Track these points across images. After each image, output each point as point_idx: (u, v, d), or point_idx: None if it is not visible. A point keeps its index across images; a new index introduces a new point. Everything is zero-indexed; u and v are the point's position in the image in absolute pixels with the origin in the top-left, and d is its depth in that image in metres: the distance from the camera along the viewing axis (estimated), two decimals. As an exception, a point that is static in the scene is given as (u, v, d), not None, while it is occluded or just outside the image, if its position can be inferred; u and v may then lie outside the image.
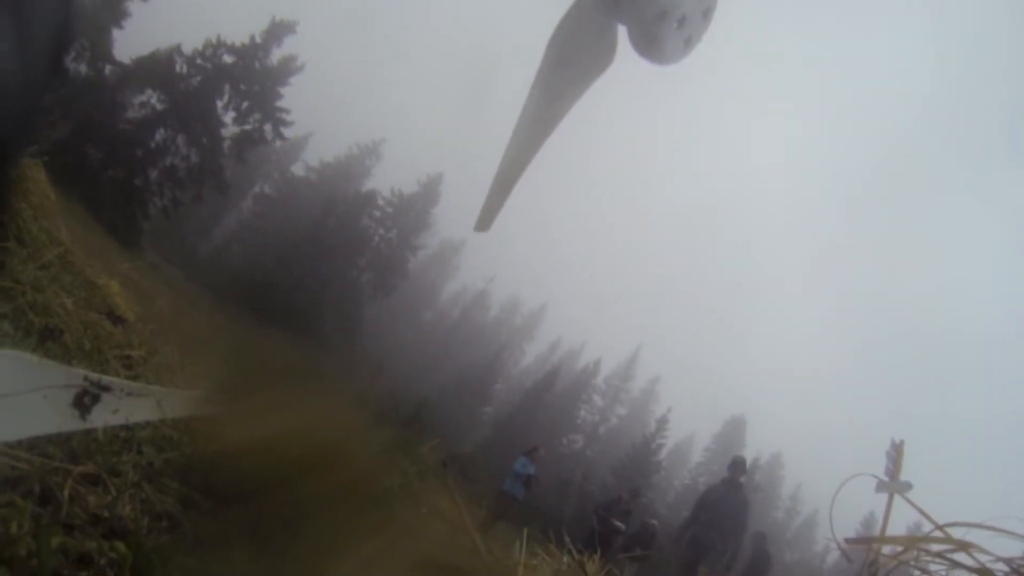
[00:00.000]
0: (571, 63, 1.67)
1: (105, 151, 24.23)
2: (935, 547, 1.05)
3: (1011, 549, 1.01)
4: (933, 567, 1.04)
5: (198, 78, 26.61)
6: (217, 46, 26.95)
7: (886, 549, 1.22)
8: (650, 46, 1.52)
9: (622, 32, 1.59)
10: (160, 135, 25.99)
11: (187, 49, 26.60)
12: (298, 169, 48.00)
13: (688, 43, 1.58)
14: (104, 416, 0.99)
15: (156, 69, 25.80)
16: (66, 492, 0.82)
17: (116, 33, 24.64)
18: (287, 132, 28.54)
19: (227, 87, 26.82)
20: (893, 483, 6.26)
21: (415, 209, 38.09)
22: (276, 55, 28.64)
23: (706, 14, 1.60)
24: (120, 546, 0.77)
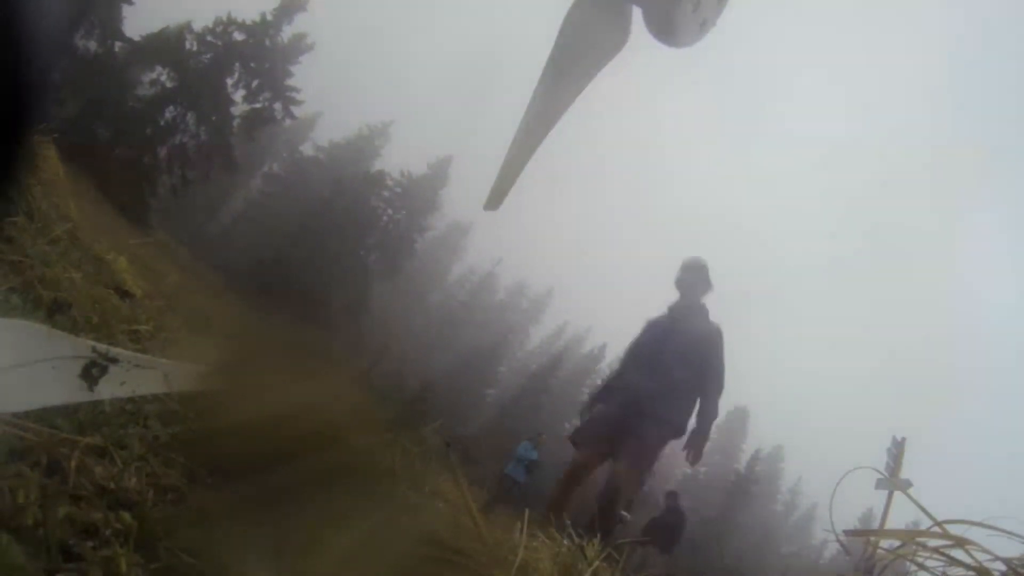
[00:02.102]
0: (584, 43, 1.65)
1: (114, 129, 24.27)
2: (933, 543, 1.05)
3: (1009, 549, 1.01)
4: (930, 563, 1.05)
5: (208, 56, 26.52)
6: (227, 23, 26.83)
7: (884, 543, 1.22)
8: (665, 28, 1.51)
9: (636, 13, 1.57)
10: (170, 113, 25.98)
11: (197, 26, 26.49)
12: (307, 149, 47.98)
13: (703, 26, 1.57)
14: (111, 388, 1.00)
15: (166, 46, 25.72)
16: (73, 463, 0.83)
17: (126, 9, 24.55)
18: (297, 111, 28.48)
19: (237, 65, 26.73)
20: (893, 479, 6.26)
21: (424, 191, 38.05)
22: (286, 33, 28.49)
23: (722, -3, 1.58)
24: (126, 517, 0.78)
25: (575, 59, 1.68)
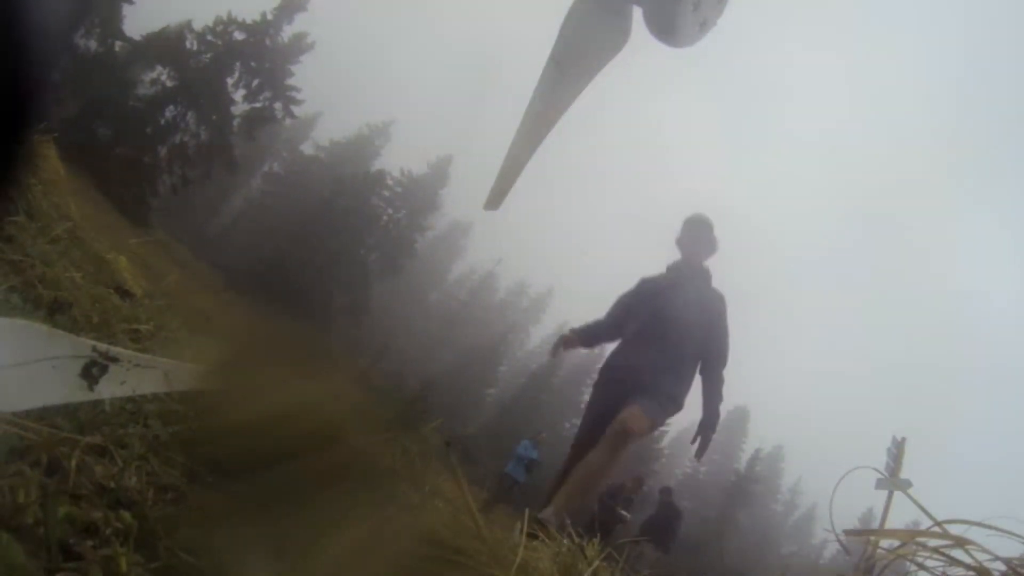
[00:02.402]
0: (585, 43, 1.66)
1: (115, 128, 24.29)
2: (933, 543, 1.06)
3: (1009, 549, 1.01)
4: (930, 563, 1.05)
5: (208, 55, 26.53)
6: (228, 23, 26.85)
7: (884, 543, 1.22)
8: (665, 28, 1.51)
9: (636, 13, 1.58)
10: (170, 112, 25.99)
11: (197, 25, 26.51)
12: (307, 148, 48.01)
13: (703, 26, 1.57)
14: (112, 388, 1.00)
15: (166, 46, 25.73)
16: (73, 463, 0.83)
17: (126, 8, 24.57)
18: (297, 110, 28.51)
19: (237, 64, 26.74)
20: (893, 479, 6.25)
21: (424, 190, 38.07)
22: (287, 32, 28.50)
23: (722, -3, 1.58)
24: (126, 516, 0.78)
25: (576, 59, 1.69)
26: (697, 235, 3.34)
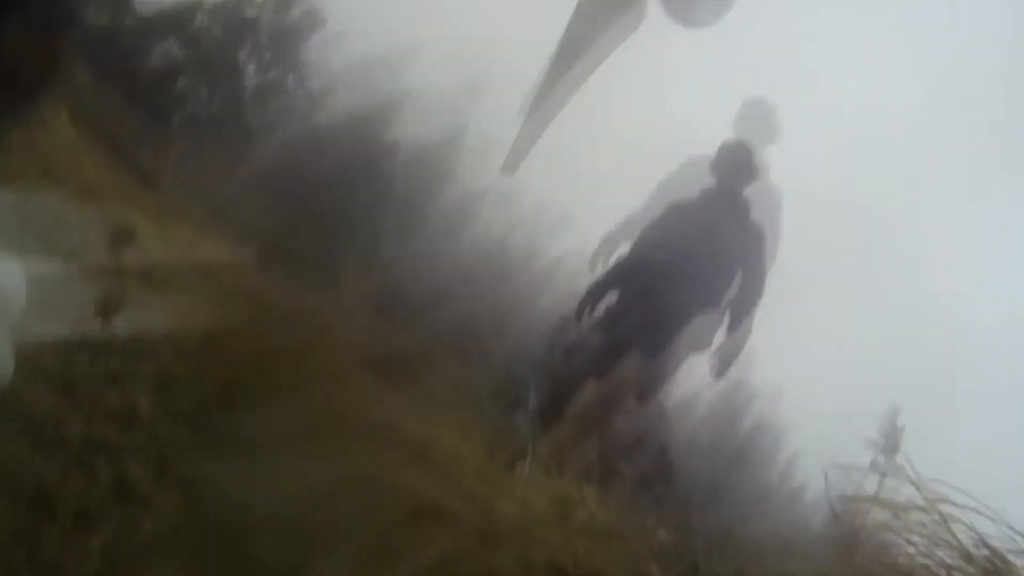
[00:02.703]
0: (601, 21, 1.64)
1: (128, 96, 24.08)
2: (922, 518, 1.08)
3: (995, 532, 1.04)
4: (915, 538, 1.07)
5: (220, 30, 26.14)
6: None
7: (873, 516, 1.25)
8: (681, 9, 1.48)
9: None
10: (182, 83, 25.72)
11: (209, 1, 26.05)
12: (321, 120, 47.50)
13: (720, 8, 1.54)
14: (126, 322, 1.04)
15: (177, 20, 25.34)
16: (89, 388, 0.87)
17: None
18: (310, 84, 28.13)
19: (249, 37, 26.36)
20: (888, 457, 6.23)
21: (438, 159, 37.69)
22: (299, 7, 28.00)
23: (739, -21, 1.55)
24: (139, 439, 0.82)
25: (591, 36, 1.67)
26: (735, 159, 2.90)
